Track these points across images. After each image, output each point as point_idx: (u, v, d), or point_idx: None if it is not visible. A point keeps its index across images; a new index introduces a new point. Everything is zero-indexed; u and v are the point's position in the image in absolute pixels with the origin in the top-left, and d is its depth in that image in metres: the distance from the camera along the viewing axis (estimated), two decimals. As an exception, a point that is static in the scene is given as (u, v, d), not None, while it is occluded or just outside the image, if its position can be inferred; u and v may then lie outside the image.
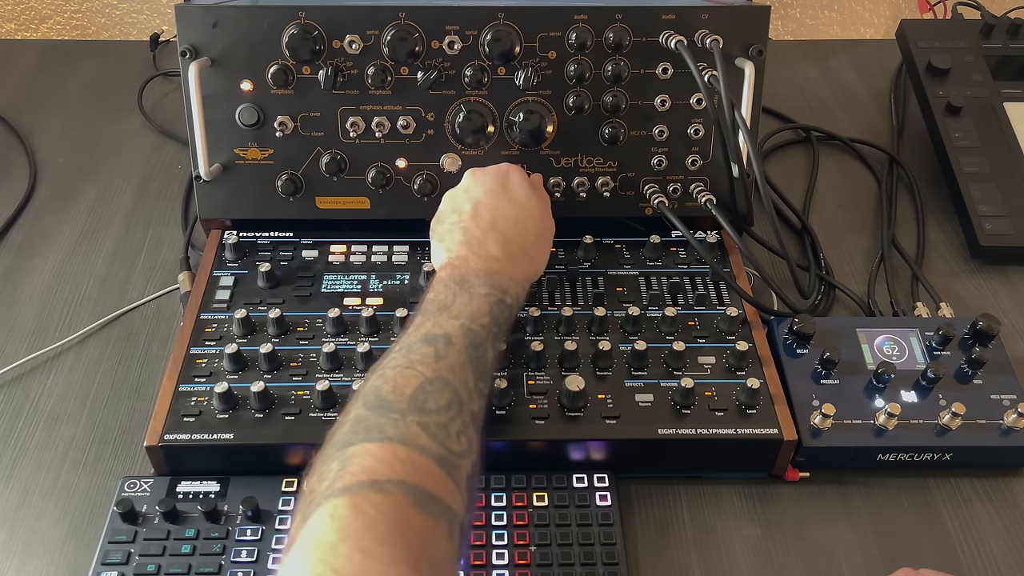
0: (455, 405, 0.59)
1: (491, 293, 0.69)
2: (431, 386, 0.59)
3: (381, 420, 0.56)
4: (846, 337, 0.82)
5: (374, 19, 0.82)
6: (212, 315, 0.82)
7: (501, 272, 0.71)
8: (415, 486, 0.52)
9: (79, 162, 1.09)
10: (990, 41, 1.13)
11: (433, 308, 0.67)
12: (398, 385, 0.59)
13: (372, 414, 0.57)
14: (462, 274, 0.70)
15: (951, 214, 1.03)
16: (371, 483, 0.51)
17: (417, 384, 0.59)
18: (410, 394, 0.58)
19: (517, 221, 0.77)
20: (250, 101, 0.84)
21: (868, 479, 0.77)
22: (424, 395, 0.58)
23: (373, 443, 0.54)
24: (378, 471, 0.52)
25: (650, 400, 0.76)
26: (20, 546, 0.71)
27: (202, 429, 0.72)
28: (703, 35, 0.82)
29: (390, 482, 0.52)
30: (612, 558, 0.68)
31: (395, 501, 0.51)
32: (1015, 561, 0.72)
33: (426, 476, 0.53)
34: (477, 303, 0.67)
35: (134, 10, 1.37)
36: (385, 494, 0.51)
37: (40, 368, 0.85)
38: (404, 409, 0.57)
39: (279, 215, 0.89)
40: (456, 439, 0.57)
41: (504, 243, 0.74)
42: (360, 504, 0.50)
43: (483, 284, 0.69)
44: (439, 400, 0.58)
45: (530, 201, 0.79)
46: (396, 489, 0.51)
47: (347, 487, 0.51)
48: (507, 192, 0.79)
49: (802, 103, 1.22)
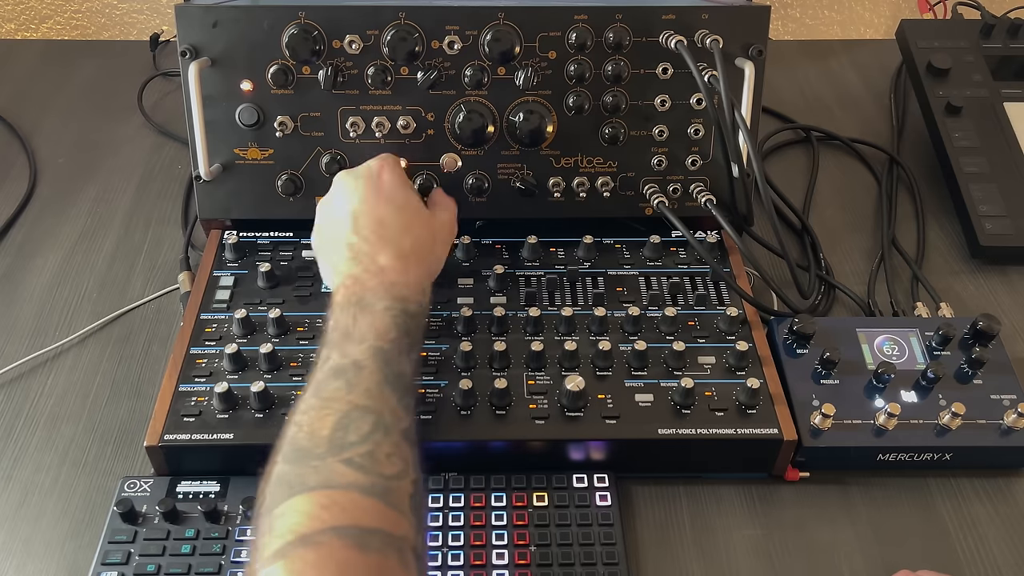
0: (380, 429, 0.57)
1: (391, 306, 0.66)
2: (348, 419, 0.57)
3: (301, 471, 0.54)
4: (846, 337, 0.82)
5: (374, 19, 0.82)
6: (212, 315, 0.82)
7: (396, 282, 0.68)
8: (349, 527, 0.50)
9: (79, 162, 1.09)
10: (990, 41, 1.13)
11: (336, 337, 0.64)
12: (314, 429, 0.56)
13: (292, 468, 0.54)
14: (358, 295, 0.67)
15: (951, 214, 1.03)
16: (300, 540, 0.49)
17: (333, 421, 0.56)
18: (327, 435, 0.56)
19: (401, 225, 0.73)
20: (250, 101, 0.84)
21: (868, 479, 0.77)
22: (342, 431, 0.56)
23: (295, 498, 0.52)
24: (305, 526, 0.50)
25: (650, 400, 0.76)
26: (20, 546, 0.71)
27: (202, 429, 0.72)
28: (703, 35, 0.82)
29: (320, 533, 0.49)
30: (612, 558, 0.68)
31: (329, 551, 0.49)
32: (1015, 561, 0.72)
33: (359, 513, 0.51)
34: (380, 320, 0.64)
35: (134, 10, 1.37)
36: (317, 547, 0.49)
37: (40, 368, 0.85)
38: (323, 452, 0.54)
39: (279, 215, 0.89)
40: (387, 462, 0.55)
41: (394, 250, 0.70)
42: (294, 567, 0.48)
43: (381, 299, 0.66)
44: (360, 430, 0.56)
45: (409, 198, 0.75)
46: (328, 538, 0.49)
47: (277, 551, 0.49)
48: (382, 195, 0.74)
49: (802, 103, 1.22)
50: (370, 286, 0.68)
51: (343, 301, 0.67)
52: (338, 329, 0.65)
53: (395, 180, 0.76)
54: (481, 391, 0.75)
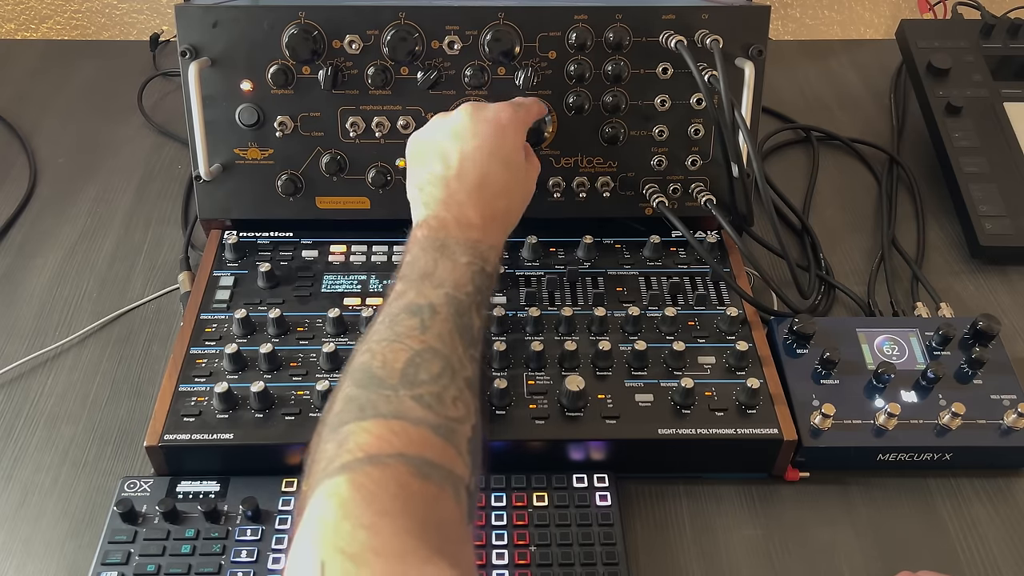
0: (447, 373, 0.58)
1: (472, 262, 0.67)
2: (421, 358, 0.58)
3: (373, 397, 0.55)
4: (846, 337, 0.82)
5: (374, 19, 0.82)
6: (212, 315, 0.82)
7: (481, 240, 0.68)
8: (413, 456, 0.52)
9: (79, 162, 1.09)
10: (990, 41, 1.13)
11: (414, 275, 0.65)
12: (387, 360, 0.58)
13: (363, 392, 0.56)
14: (442, 239, 0.68)
15: (951, 214, 1.03)
16: (368, 458, 0.51)
17: (407, 357, 0.58)
18: (400, 368, 0.57)
19: (502, 187, 0.73)
20: (250, 101, 0.84)
21: (868, 479, 0.77)
22: (414, 368, 0.58)
23: (368, 420, 0.54)
24: (374, 446, 0.52)
25: (650, 400, 0.76)
26: (20, 546, 0.71)
27: (202, 429, 0.72)
28: (703, 35, 0.82)
29: (388, 456, 0.51)
30: (612, 558, 0.68)
31: (394, 473, 0.51)
32: (1015, 561, 0.72)
33: (424, 445, 0.53)
34: (459, 272, 0.66)
35: (134, 10, 1.37)
36: (383, 467, 0.51)
37: (40, 368, 0.85)
38: (395, 384, 0.56)
39: (279, 215, 0.89)
40: (452, 405, 0.57)
41: (485, 209, 0.70)
42: (359, 480, 0.50)
43: (464, 252, 0.67)
44: (431, 370, 0.58)
45: (519, 166, 0.75)
46: (394, 461, 0.51)
47: (344, 465, 0.51)
48: (499, 152, 0.73)
49: (802, 103, 1.22)
50: (455, 235, 0.68)
51: (425, 240, 0.68)
52: (417, 268, 0.66)
53: (516, 140, 0.75)
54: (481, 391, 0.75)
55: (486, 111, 0.74)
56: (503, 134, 0.73)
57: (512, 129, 0.74)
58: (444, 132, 0.73)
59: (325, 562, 0.46)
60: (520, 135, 0.76)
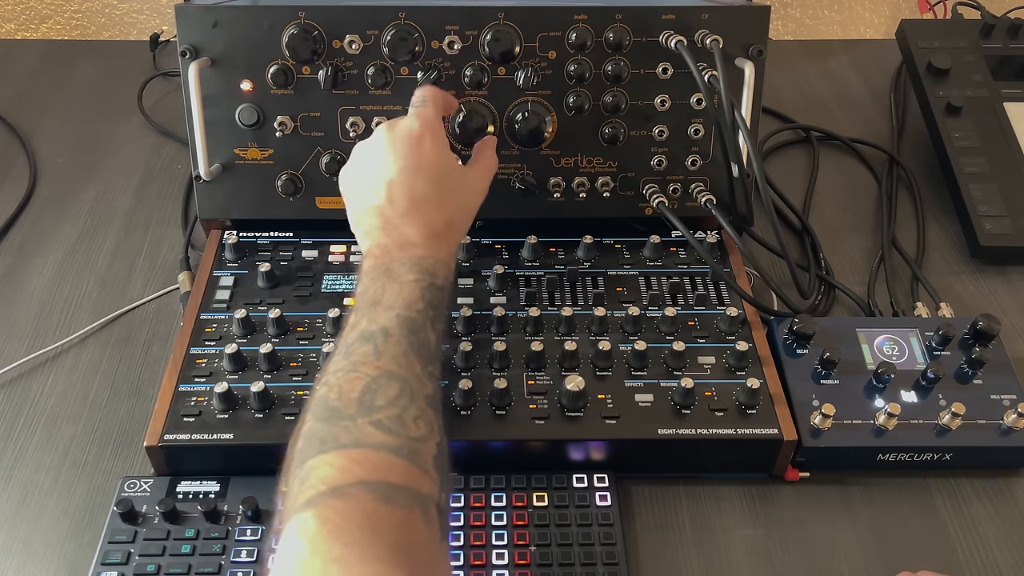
0: (406, 394, 0.58)
1: (420, 279, 0.67)
2: (376, 383, 0.58)
3: (333, 429, 0.55)
4: (846, 337, 0.82)
5: (374, 19, 0.82)
6: (212, 315, 0.82)
7: (425, 257, 0.68)
8: (376, 482, 0.52)
9: (79, 162, 1.09)
10: (990, 41, 1.13)
11: (365, 304, 0.66)
12: (344, 391, 0.58)
13: (323, 425, 0.56)
14: (386, 264, 0.68)
15: (951, 214, 1.03)
16: (331, 491, 0.51)
17: (363, 385, 0.58)
18: (356, 397, 0.57)
19: (436, 200, 0.71)
20: (250, 101, 0.84)
21: (868, 479, 0.77)
22: (371, 394, 0.58)
23: (328, 453, 0.54)
24: (337, 478, 0.52)
25: (650, 400, 0.76)
26: (20, 546, 0.71)
27: (202, 429, 0.72)
28: (703, 35, 0.82)
29: (350, 485, 0.52)
30: (612, 558, 0.68)
31: (358, 502, 0.51)
32: (1015, 561, 0.72)
33: (386, 470, 0.53)
34: (408, 291, 0.66)
35: (134, 10, 1.37)
36: (347, 498, 0.51)
37: (40, 368, 0.85)
38: (353, 414, 0.56)
39: (279, 215, 0.89)
40: (414, 425, 0.57)
41: (424, 226, 0.70)
42: (324, 514, 0.50)
43: (409, 271, 0.67)
44: (388, 394, 0.58)
45: (450, 174, 0.73)
46: (356, 490, 0.51)
47: (309, 500, 0.51)
48: (422, 167, 0.71)
49: (802, 103, 1.22)
50: (399, 258, 0.68)
51: (371, 269, 0.68)
52: (367, 297, 0.66)
53: (437, 149, 0.73)
54: (481, 391, 0.75)
55: (398, 129, 0.73)
56: (421, 147, 0.72)
57: (429, 138, 0.73)
58: (366, 162, 0.73)
59: None
60: (438, 140, 0.73)
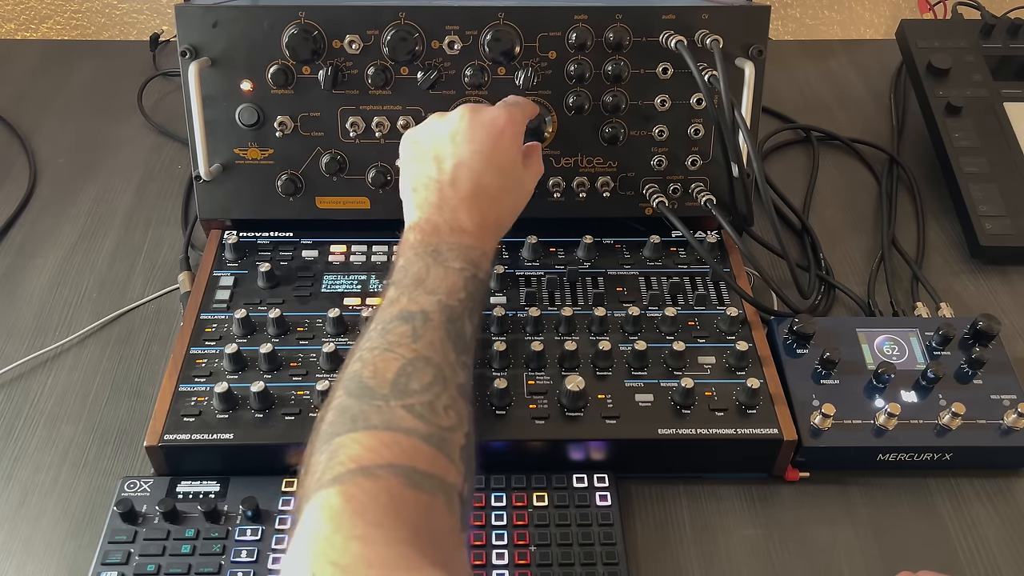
0: (439, 382, 0.58)
1: (465, 268, 0.66)
2: (412, 367, 0.58)
3: (365, 408, 0.55)
4: (846, 337, 0.82)
5: (374, 19, 0.82)
6: (212, 315, 0.82)
7: (473, 247, 0.68)
8: (405, 467, 0.52)
9: (79, 162, 1.09)
10: (990, 41, 1.13)
11: (407, 281, 0.65)
12: (379, 370, 0.58)
13: (355, 402, 0.56)
14: (435, 244, 0.67)
15: (951, 214, 1.03)
16: (360, 470, 0.51)
17: (398, 367, 0.58)
18: (391, 378, 0.57)
19: (496, 194, 0.72)
20: (250, 101, 0.84)
21: (868, 479, 0.77)
22: (406, 377, 0.57)
23: (359, 432, 0.54)
24: (366, 458, 0.52)
25: (650, 400, 0.76)
26: (20, 546, 0.71)
27: (202, 429, 0.72)
28: (703, 35, 0.82)
29: (379, 467, 0.51)
30: (612, 558, 0.68)
31: (386, 484, 0.51)
32: (1015, 561, 0.72)
33: (415, 455, 0.53)
34: (452, 278, 0.65)
35: (134, 10, 1.37)
36: (375, 479, 0.51)
37: (40, 368, 0.85)
38: (387, 394, 0.56)
39: (279, 215, 0.89)
40: (444, 414, 0.57)
41: (479, 216, 0.70)
42: (350, 492, 0.50)
43: (457, 258, 0.67)
44: (422, 379, 0.58)
45: (515, 172, 0.74)
46: (385, 472, 0.51)
47: (336, 477, 0.51)
48: (495, 158, 0.71)
49: (802, 103, 1.22)
50: (448, 241, 0.68)
51: (417, 245, 0.68)
52: (409, 273, 0.66)
53: (512, 146, 0.73)
54: (481, 391, 0.75)
55: (483, 115, 0.73)
56: (500, 140, 0.72)
57: (509, 134, 0.73)
58: (441, 134, 0.72)
59: (317, 574, 0.46)
60: (517, 140, 0.75)
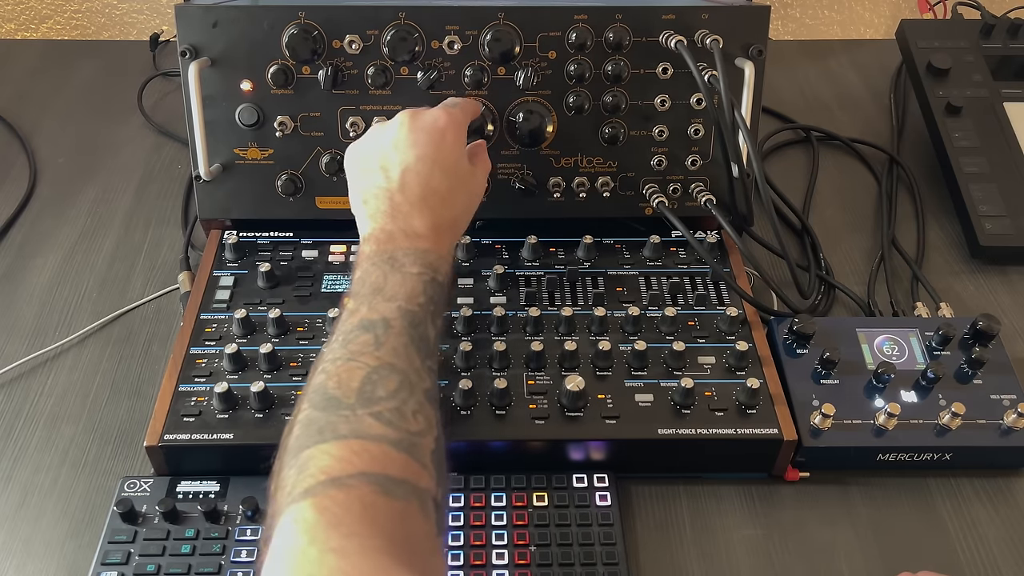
0: (406, 387, 0.58)
1: (423, 272, 0.66)
2: (377, 375, 0.58)
3: (332, 418, 0.55)
4: (846, 337, 0.82)
5: (374, 19, 0.82)
6: (212, 315, 0.82)
7: (429, 251, 0.68)
8: (376, 474, 0.52)
9: (79, 162, 1.09)
10: (990, 41, 1.13)
11: (365, 290, 0.65)
12: (343, 380, 0.58)
13: (322, 414, 0.56)
14: (390, 252, 0.67)
15: (951, 214, 1.03)
16: (331, 481, 0.51)
17: (363, 375, 0.58)
18: (357, 387, 0.57)
19: (447, 195, 0.71)
20: (250, 101, 0.84)
21: (868, 479, 0.77)
22: (372, 385, 0.57)
23: (327, 443, 0.53)
24: (336, 468, 0.52)
25: (650, 400, 0.76)
26: (20, 546, 0.71)
27: (202, 429, 0.72)
28: (703, 35, 0.82)
29: (350, 476, 0.51)
30: (612, 558, 0.68)
31: (358, 493, 0.50)
32: (1015, 561, 0.72)
33: (386, 462, 0.53)
34: (411, 283, 0.65)
35: (134, 10, 1.37)
36: (347, 489, 0.51)
37: (40, 368, 0.85)
38: (353, 403, 0.56)
39: (279, 215, 0.89)
40: (412, 419, 0.57)
41: (432, 219, 0.70)
42: (323, 504, 0.49)
43: (414, 263, 0.67)
44: (388, 386, 0.58)
45: (462, 171, 0.73)
46: (357, 482, 0.51)
47: (307, 490, 0.50)
48: (440, 160, 0.71)
49: (802, 103, 1.22)
50: (403, 247, 0.68)
51: (373, 255, 0.68)
52: (367, 283, 0.66)
53: (456, 145, 0.73)
54: (481, 391, 0.75)
55: (423, 118, 0.73)
56: (442, 141, 0.72)
57: (451, 133, 0.73)
58: (383, 143, 0.72)
59: None
60: (460, 138, 0.74)
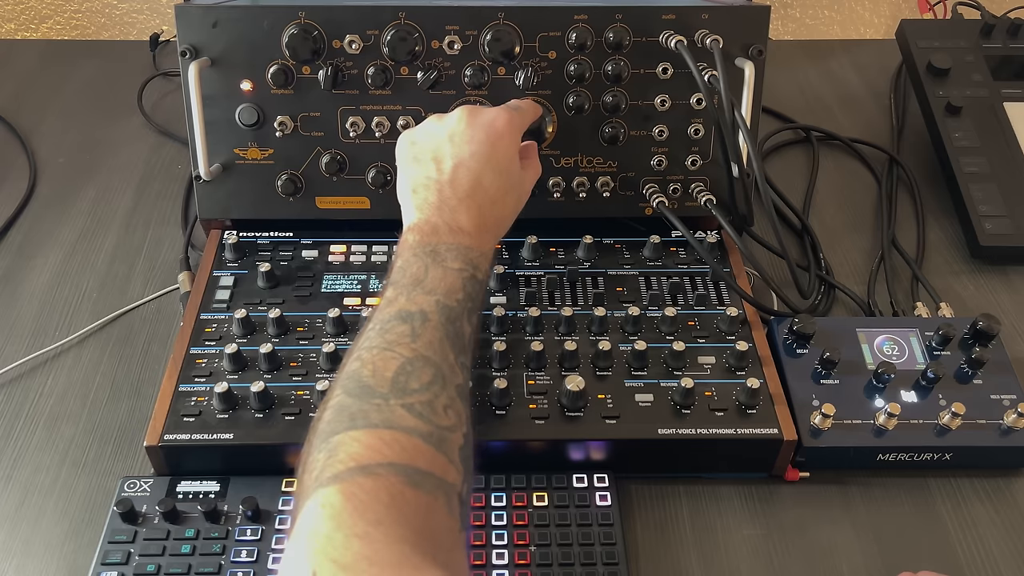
0: (438, 381, 0.58)
1: (464, 268, 0.67)
2: (411, 366, 0.58)
3: (364, 407, 0.55)
4: (846, 337, 0.82)
5: (374, 19, 0.82)
6: (212, 315, 0.82)
7: (472, 248, 0.68)
8: (405, 466, 0.52)
9: (79, 162, 1.09)
10: (990, 41, 1.13)
11: (405, 281, 0.65)
12: (378, 368, 0.58)
13: (354, 401, 0.56)
14: (433, 244, 0.67)
15: (951, 214, 1.03)
16: (360, 468, 0.51)
17: (397, 366, 0.58)
18: (391, 377, 0.57)
19: (496, 195, 0.72)
20: (250, 101, 0.84)
21: (868, 479, 0.77)
22: (405, 376, 0.57)
23: (358, 430, 0.54)
24: (366, 456, 0.52)
25: (650, 400, 0.76)
26: (20, 546, 0.71)
27: (202, 429, 0.72)
28: (703, 35, 0.82)
29: (379, 465, 0.51)
30: (612, 558, 0.68)
31: (386, 483, 0.51)
32: (1015, 561, 0.72)
33: (415, 455, 0.53)
34: (451, 279, 0.65)
35: (134, 10, 1.37)
36: (375, 477, 0.51)
37: (40, 368, 0.85)
38: (386, 393, 0.56)
39: (279, 215, 0.89)
40: (443, 414, 0.57)
41: (478, 216, 0.70)
42: (351, 490, 0.50)
43: (455, 259, 0.67)
44: (421, 379, 0.58)
45: (514, 172, 0.74)
46: (386, 471, 0.51)
47: (336, 475, 0.51)
48: (494, 159, 0.72)
49: (802, 103, 1.22)
50: (446, 241, 0.68)
51: (416, 246, 0.68)
52: (408, 274, 0.66)
53: (511, 147, 0.74)
54: (481, 391, 0.75)
55: (482, 116, 0.73)
56: (499, 140, 0.72)
57: (508, 135, 0.73)
58: (439, 135, 0.72)
59: (318, 572, 0.46)
60: (516, 141, 0.75)
